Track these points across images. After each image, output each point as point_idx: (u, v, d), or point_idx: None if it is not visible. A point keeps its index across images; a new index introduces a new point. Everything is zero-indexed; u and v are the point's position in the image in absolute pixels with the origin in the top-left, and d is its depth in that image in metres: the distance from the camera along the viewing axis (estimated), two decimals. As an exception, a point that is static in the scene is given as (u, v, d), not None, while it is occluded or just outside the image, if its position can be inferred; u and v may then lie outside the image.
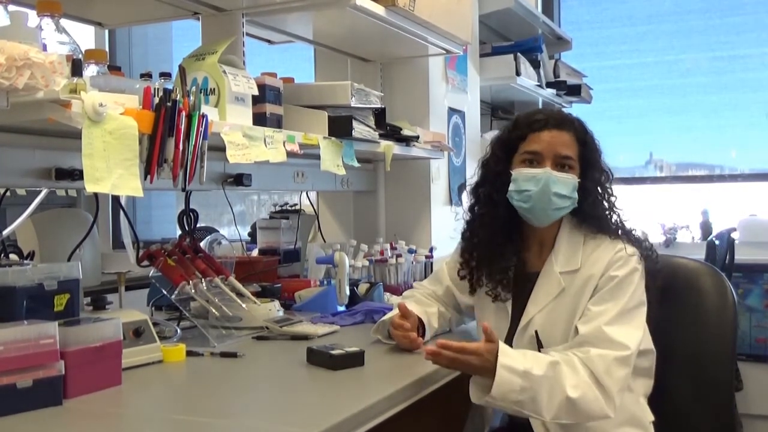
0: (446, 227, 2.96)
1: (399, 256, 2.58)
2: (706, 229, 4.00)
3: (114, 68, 1.82)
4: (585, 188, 1.72)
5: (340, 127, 2.11)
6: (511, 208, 1.74)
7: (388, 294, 2.39)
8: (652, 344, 1.74)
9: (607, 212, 1.76)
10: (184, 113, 1.51)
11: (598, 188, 1.75)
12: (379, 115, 2.33)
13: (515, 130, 1.77)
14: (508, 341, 1.74)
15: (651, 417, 1.72)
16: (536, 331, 1.69)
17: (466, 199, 1.90)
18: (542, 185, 1.67)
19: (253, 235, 2.90)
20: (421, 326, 1.81)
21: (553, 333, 1.68)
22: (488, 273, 1.78)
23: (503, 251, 1.77)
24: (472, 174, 1.88)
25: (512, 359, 1.53)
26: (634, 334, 1.62)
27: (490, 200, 1.79)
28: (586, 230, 1.74)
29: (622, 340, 1.59)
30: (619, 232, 1.74)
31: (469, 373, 1.59)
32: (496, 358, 1.52)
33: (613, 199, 1.77)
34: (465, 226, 1.87)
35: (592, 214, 1.73)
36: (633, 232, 1.76)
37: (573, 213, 1.75)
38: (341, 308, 2.22)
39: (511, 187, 1.72)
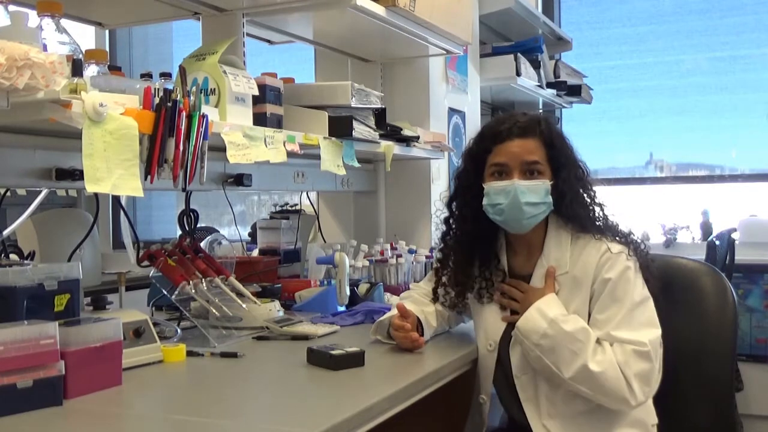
0: (446, 227, 2.96)
1: (399, 256, 2.58)
2: (706, 229, 4.01)
3: (114, 68, 1.82)
4: (559, 189, 1.72)
5: (340, 127, 2.11)
6: (488, 219, 1.76)
7: (388, 294, 2.39)
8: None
9: (589, 207, 1.76)
10: (184, 113, 1.51)
11: (576, 186, 1.74)
12: (380, 115, 2.33)
13: (482, 142, 1.78)
14: (506, 341, 1.74)
15: (655, 420, 1.72)
16: None
17: (441, 210, 1.92)
18: (512, 197, 1.68)
19: (253, 235, 2.90)
20: (419, 326, 1.81)
21: None
22: (450, 283, 1.82)
23: (472, 264, 1.80)
24: (447, 186, 1.90)
25: (547, 306, 1.63)
26: (646, 330, 1.62)
27: (461, 213, 1.82)
28: (571, 230, 1.75)
29: (634, 339, 1.60)
30: (603, 228, 1.74)
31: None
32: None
33: (592, 193, 1.77)
34: (439, 239, 1.89)
35: (572, 214, 1.74)
36: (618, 226, 1.76)
37: (556, 213, 1.76)
38: (341, 308, 2.22)
39: (485, 201, 1.74)
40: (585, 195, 1.76)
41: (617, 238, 1.72)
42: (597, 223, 1.75)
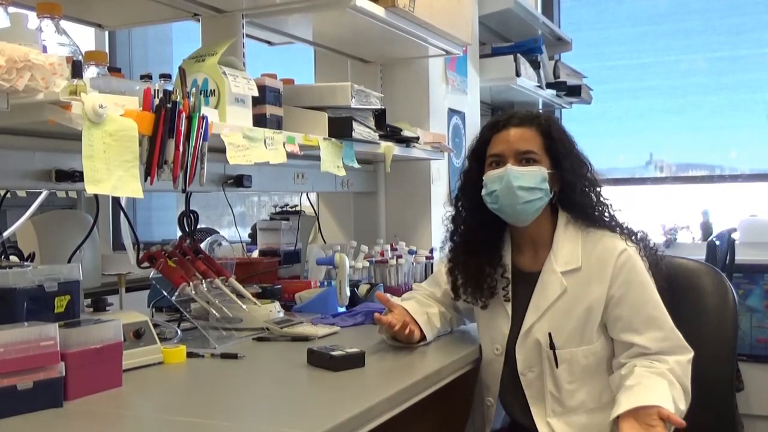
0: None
1: (399, 257, 2.58)
2: (706, 229, 4.00)
3: (114, 70, 1.82)
4: (565, 179, 1.72)
5: (340, 128, 2.11)
6: (492, 214, 1.75)
7: (388, 295, 2.38)
8: None
9: (596, 203, 1.76)
10: (184, 114, 1.51)
11: (583, 180, 1.74)
12: (379, 116, 2.33)
13: (481, 136, 1.80)
14: (510, 344, 1.74)
15: None
16: (549, 334, 1.69)
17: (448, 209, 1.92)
18: (505, 182, 1.69)
19: (253, 236, 2.91)
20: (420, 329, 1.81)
21: (562, 334, 1.68)
22: (465, 281, 1.81)
23: (480, 260, 1.79)
24: (447, 186, 1.91)
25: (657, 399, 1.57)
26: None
27: (466, 209, 1.82)
28: (581, 225, 1.75)
29: (684, 343, 1.67)
30: (614, 225, 1.74)
31: None
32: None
33: (599, 189, 1.77)
34: (447, 237, 1.89)
35: (581, 203, 1.74)
36: (628, 224, 1.77)
37: (565, 208, 1.75)
38: (341, 309, 2.22)
39: (483, 191, 1.74)
40: (592, 191, 1.76)
41: (630, 235, 1.73)
42: (606, 219, 1.75)
